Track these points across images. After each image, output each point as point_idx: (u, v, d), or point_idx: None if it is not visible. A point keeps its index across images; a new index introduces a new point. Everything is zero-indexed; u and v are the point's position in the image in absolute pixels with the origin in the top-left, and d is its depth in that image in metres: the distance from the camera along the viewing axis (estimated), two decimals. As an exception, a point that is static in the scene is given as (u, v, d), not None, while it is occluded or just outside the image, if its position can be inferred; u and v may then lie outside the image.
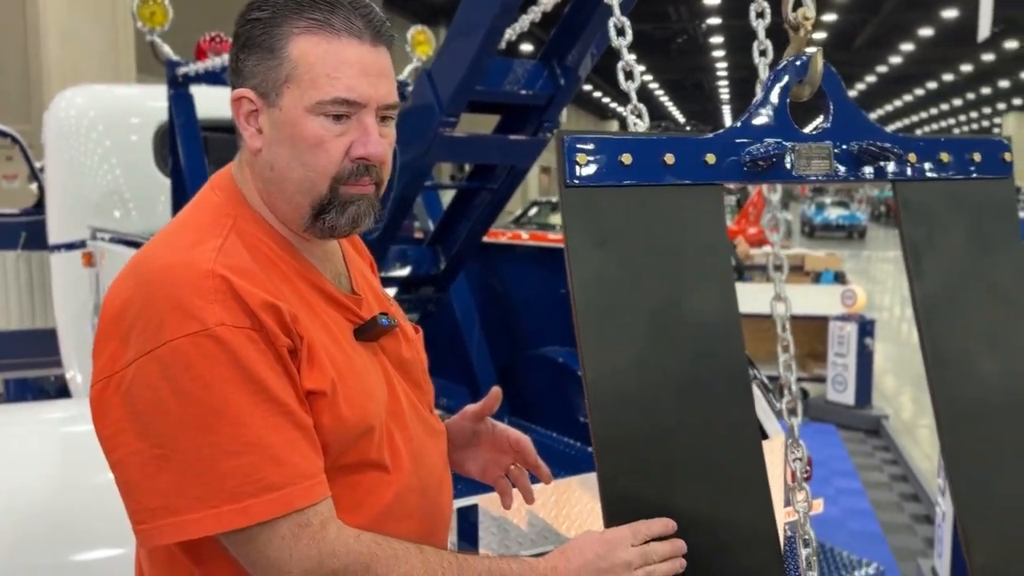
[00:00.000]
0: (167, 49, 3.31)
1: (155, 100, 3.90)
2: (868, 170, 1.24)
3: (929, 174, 1.28)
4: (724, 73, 31.01)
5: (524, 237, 7.98)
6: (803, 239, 23.39)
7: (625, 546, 1.02)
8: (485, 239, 3.01)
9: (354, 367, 1.04)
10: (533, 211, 14.07)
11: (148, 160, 3.92)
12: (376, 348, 1.10)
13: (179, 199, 3.39)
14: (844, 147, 1.22)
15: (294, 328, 0.97)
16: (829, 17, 21.70)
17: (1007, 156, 1.35)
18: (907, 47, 25.11)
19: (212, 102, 3.50)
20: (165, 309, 0.93)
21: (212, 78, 3.18)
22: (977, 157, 1.32)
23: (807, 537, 1.34)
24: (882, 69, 29.64)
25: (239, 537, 0.94)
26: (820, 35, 23.68)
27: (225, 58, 2.96)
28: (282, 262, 1.04)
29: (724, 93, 37.72)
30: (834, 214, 25.05)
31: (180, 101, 3.28)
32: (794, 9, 1.23)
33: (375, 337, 1.10)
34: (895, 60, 27.32)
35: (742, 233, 10.64)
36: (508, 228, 10.49)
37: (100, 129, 3.93)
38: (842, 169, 1.22)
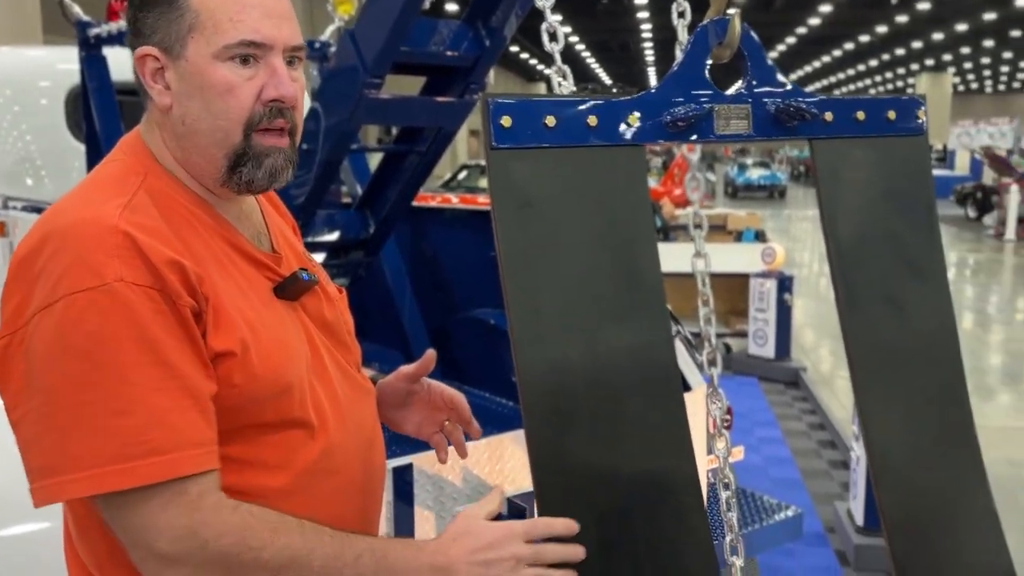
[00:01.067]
0: (77, 10, 3.17)
1: (65, 62, 3.75)
2: (786, 129, 1.27)
3: (845, 133, 1.31)
4: (649, 35, 31.14)
5: (454, 201, 7.96)
6: (726, 199, 23.87)
7: (518, 541, 1.00)
8: (415, 203, 3.00)
9: (270, 325, 1.03)
10: (463, 175, 14.00)
11: (60, 125, 3.78)
12: (297, 307, 1.10)
13: (95, 165, 3.28)
14: (763, 107, 1.25)
15: (199, 288, 0.96)
16: (750, -22, 21.95)
17: (921, 114, 1.39)
18: (825, 8, 25.59)
19: (126, 64, 3.38)
20: (67, 264, 0.91)
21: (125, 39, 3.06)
22: (892, 116, 1.35)
23: (727, 480, 1.40)
24: (801, 30, 30.18)
25: (116, 500, 0.92)
26: (742, -4, 23.93)
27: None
28: (195, 220, 1.03)
29: (649, 55, 37.92)
30: (756, 174, 25.58)
31: (93, 64, 3.16)
32: (712, -29, 1.26)
33: (296, 296, 1.09)
34: (814, 21, 27.84)
35: (667, 195, 10.80)
36: (438, 192, 10.42)
37: (7, 94, 3.77)
38: (761, 129, 1.26)
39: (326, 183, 2.54)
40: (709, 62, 1.24)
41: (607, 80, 48.50)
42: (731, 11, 1.24)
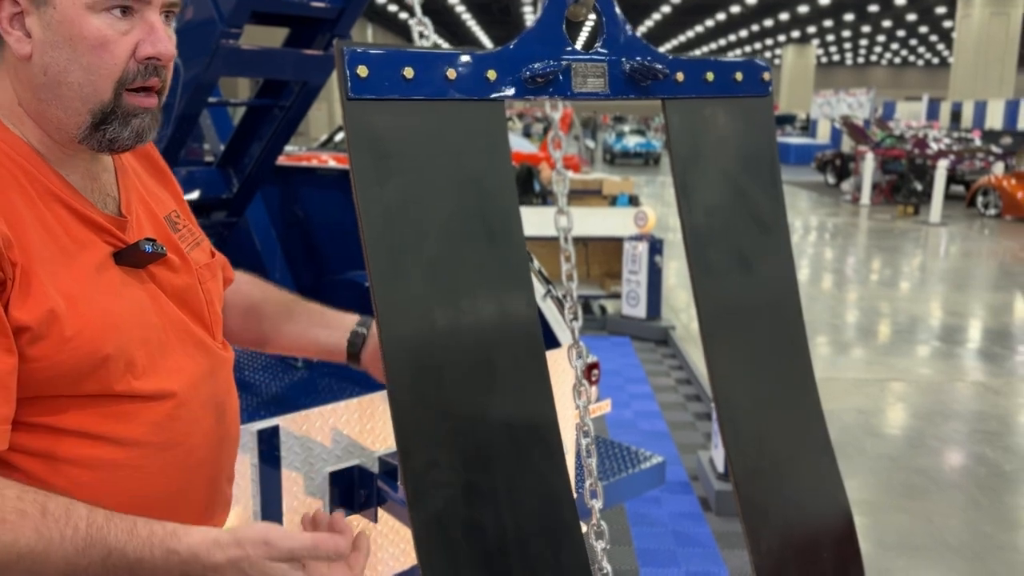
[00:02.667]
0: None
1: None
2: (640, 88, 1.31)
3: (696, 93, 1.35)
4: (529, -2, 31.15)
5: (330, 162, 7.77)
6: (604, 166, 24.33)
7: (283, 562, 0.92)
8: (284, 163, 2.92)
9: (97, 294, 0.98)
10: (340, 136, 13.68)
11: None
12: (143, 275, 1.05)
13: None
14: (618, 66, 1.28)
15: (6, 253, 0.90)
16: (627, -55, 22.21)
17: (766, 76, 1.45)
18: (698, -22, 26.26)
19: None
20: None
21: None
22: (739, 77, 1.40)
23: (586, 428, 1.45)
24: (676, 0, 30.90)
25: None
26: (619, -37, 24.21)
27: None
28: (23, 175, 0.96)
29: (530, 18, 37.93)
30: (632, 142, 26.17)
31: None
32: (570, -71, 1.27)
33: (140, 263, 1.04)
34: (688, -9, 28.53)
35: (547, 159, 10.92)
36: (315, 152, 10.16)
37: None
38: (617, 88, 1.28)
39: (183, 138, 2.43)
40: (565, 19, 1.26)
41: (488, 44, 48.29)
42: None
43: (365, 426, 2.03)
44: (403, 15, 32.61)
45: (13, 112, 0.98)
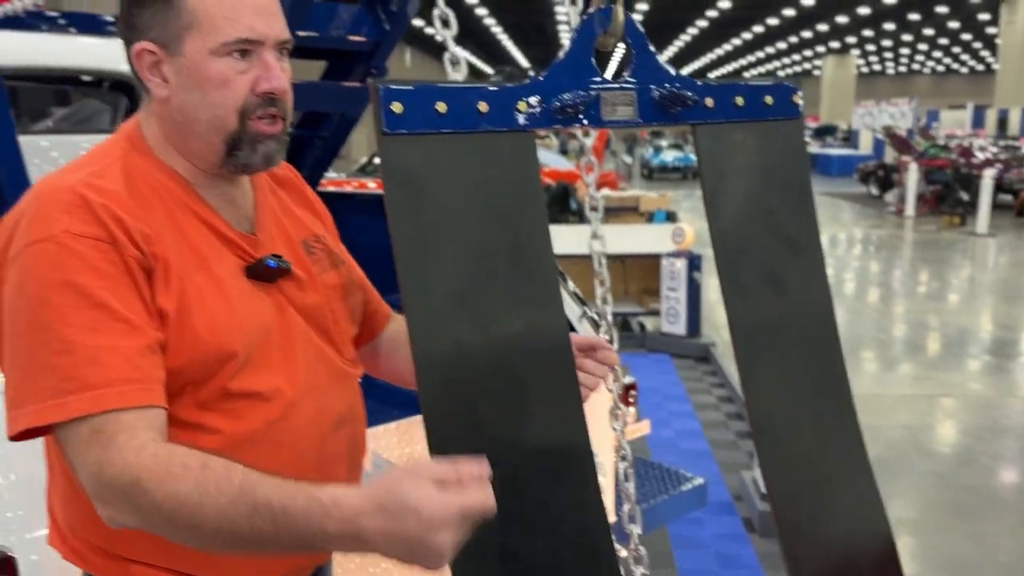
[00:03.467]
0: (-41, -10, 3.02)
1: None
2: (670, 115, 1.32)
3: (725, 117, 1.36)
4: (565, 18, 31.25)
5: (370, 186, 7.88)
6: (643, 181, 24.25)
7: (450, 531, 0.86)
8: (326, 188, 2.98)
9: (226, 297, 1.09)
10: (378, 160, 13.84)
11: (-55, 111, 3.60)
12: (272, 289, 1.15)
13: (-15, 153, 3.15)
14: (647, 94, 1.30)
15: (146, 247, 1.03)
16: (662, -38, 22.23)
17: (796, 98, 1.45)
18: (734, -8, 26.17)
19: (14, 48, 3.24)
20: (29, 220, 1.02)
21: (14, 23, 2.94)
22: (769, 100, 1.41)
23: (624, 452, 1.46)
24: (712, 14, 30.79)
25: (61, 439, 0.98)
26: (654, -20, 24.23)
27: (27, 2, 2.75)
28: (168, 194, 1.10)
29: (565, 38, 38.06)
30: (670, 156, 26.04)
31: (-22, 48, 3.02)
32: (597, -37, 1.30)
33: (269, 278, 1.15)
34: (724, 5, 28.43)
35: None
36: (355, 177, 10.30)
37: None
38: (646, 115, 1.30)
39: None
40: (594, 49, 1.28)
41: (524, 63, 48.55)
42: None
43: (404, 450, 2.06)
44: (440, 37, 33.02)
45: (162, 146, 1.13)
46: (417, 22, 23.16)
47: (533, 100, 1.21)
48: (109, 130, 4.04)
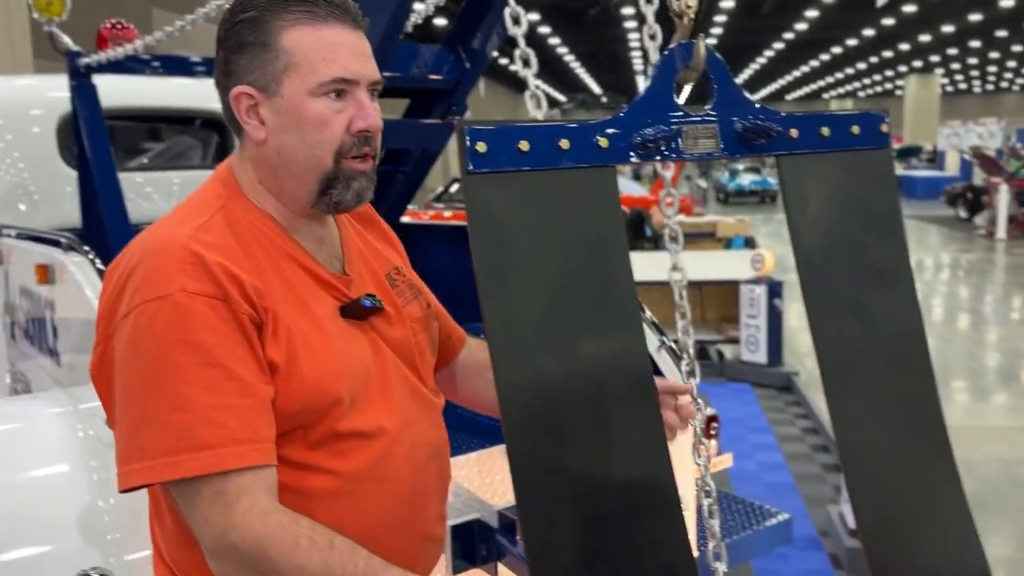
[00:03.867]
0: (67, 40, 3.21)
1: (56, 90, 3.78)
2: (753, 147, 1.31)
3: (811, 148, 1.35)
4: (637, 44, 31.30)
5: (446, 215, 8.00)
6: (718, 206, 23.94)
7: None
8: (404, 220, 3.04)
9: (328, 342, 1.11)
10: (455, 188, 14.05)
11: (52, 152, 3.81)
12: (365, 327, 1.18)
13: (87, 190, 3.32)
14: (729, 126, 1.29)
15: (259, 301, 1.05)
16: (736, -14, 22.09)
17: (883, 127, 1.43)
18: (811, 13, 25.76)
19: (116, 90, 3.42)
20: (143, 277, 1.03)
21: (116, 68, 3.11)
22: (856, 130, 1.38)
23: (708, 488, 1.43)
24: (789, 36, 30.36)
25: (175, 492, 1.01)
26: (728, 3, 24.09)
27: (129, 47, 2.90)
28: (268, 242, 1.13)
29: (638, 64, 38.10)
30: (747, 180, 25.65)
31: (83, 92, 3.20)
32: (677, -2, 1.30)
33: (362, 316, 1.17)
34: (801, 26, 28.01)
35: (658, 203, 10.78)
36: (430, 207, 10.46)
37: (1, 123, 3.81)
38: (729, 147, 1.29)
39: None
40: (676, 84, 1.29)
41: (596, 89, 48.68)
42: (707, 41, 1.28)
43: (484, 480, 2.07)
44: (513, 67, 33.43)
45: (255, 189, 1.16)
46: (491, 53, 23.41)
47: (614, 135, 1.22)
48: (200, 166, 4.23)
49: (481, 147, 1.14)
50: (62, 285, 2.62)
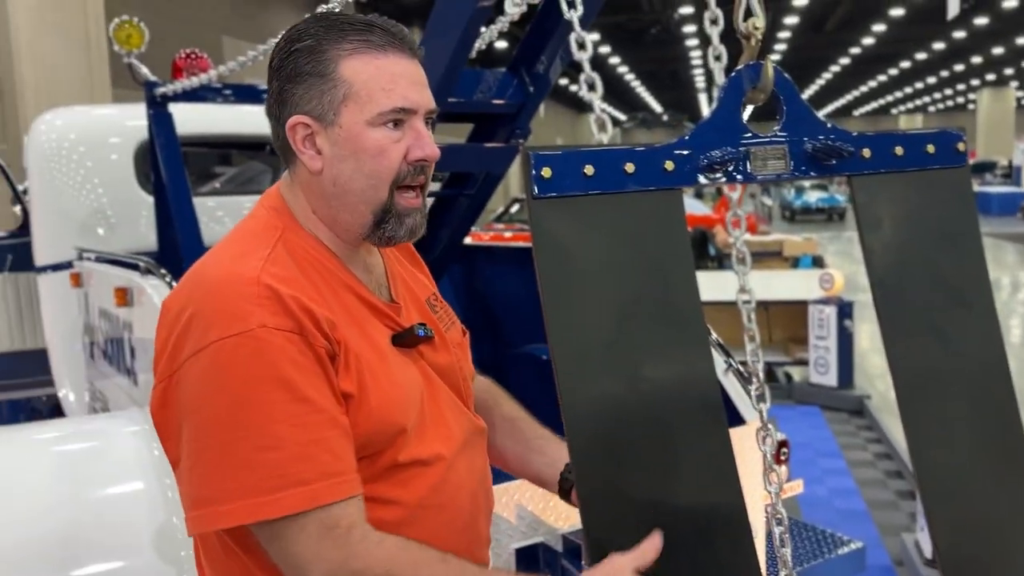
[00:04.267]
0: (145, 70, 3.34)
1: (133, 119, 3.94)
2: (824, 167, 1.29)
3: (884, 168, 1.32)
4: (699, 62, 31.10)
5: (507, 236, 8.03)
6: (783, 223, 23.51)
7: None
8: (465, 241, 3.06)
9: (390, 371, 1.11)
10: (515, 208, 14.11)
11: (130, 178, 3.96)
12: (415, 354, 1.18)
13: (163, 215, 3.44)
14: (799, 147, 1.27)
15: (331, 333, 1.04)
16: (801, 1, 21.80)
17: (960, 146, 1.39)
18: (879, 27, 25.26)
19: (190, 118, 3.54)
20: (215, 313, 1.01)
21: (190, 96, 3.22)
22: (931, 149, 1.35)
23: (779, 516, 1.40)
24: (855, 51, 29.80)
25: (269, 531, 0.99)
26: (792, 19, 23.79)
27: (203, 77, 3.00)
28: (327, 272, 1.12)
29: (700, 81, 37.84)
30: (814, 197, 25.12)
31: (160, 120, 3.32)
32: (745, 19, 1.29)
33: (413, 344, 1.17)
34: (868, 41, 27.48)
35: (721, 221, 10.67)
36: (490, 228, 10.50)
37: (81, 150, 3.97)
38: (799, 168, 1.27)
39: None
40: (743, 105, 1.27)
41: (657, 108, 48.45)
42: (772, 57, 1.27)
43: (548, 503, 2.06)
44: (573, 87, 33.53)
45: (309, 218, 1.15)
46: (552, 74, 23.51)
47: (681, 158, 1.21)
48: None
49: (546, 172, 1.14)
50: (139, 307, 2.71)
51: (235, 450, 0.98)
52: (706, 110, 1.29)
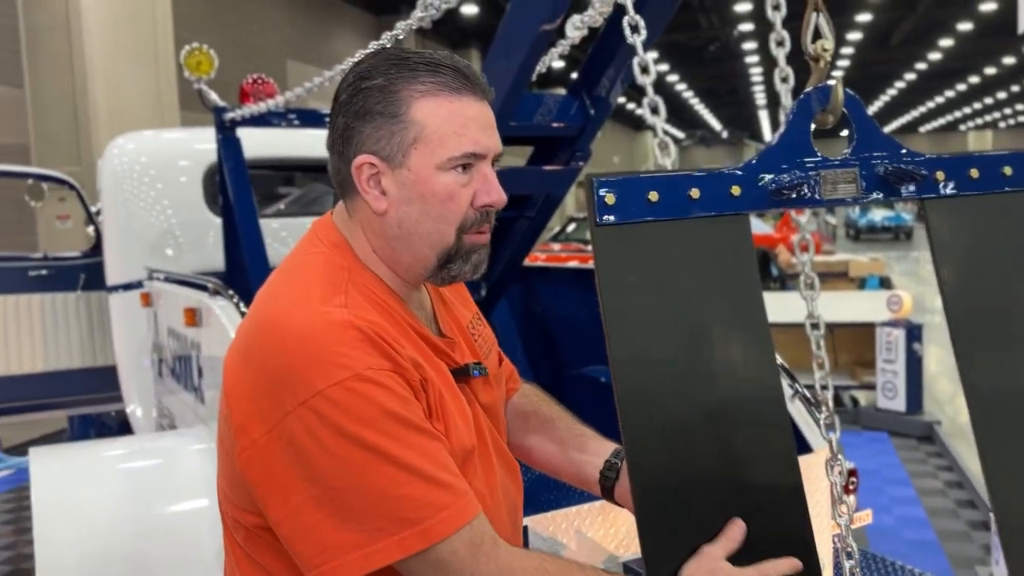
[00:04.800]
0: (214, 96, 3.44)
1: (202, 143, 4.05)
2: (896, 190, 1.26)
3: (958, 191, 1.29)
4: (759, 79, 30.77)
5: (563, 256, 8.01)
6: (848, 242, 23.01)
7: None
8: (524, 263, 3.06)
9: (459, 404, 1.12)
10: (571, 227, 14.10)
11: (198, 200, 4.07)
12: (467, 389, 1.18)
13: (230, 236, 3.52)
14: (871, 170, 1.24)
15: (417, 372, 1.05)
16: (865, 17, 21.44)
17: (1039, 168, 1.36)
18: (946, 43, 24.68)
19: (257, 143, 3.63)
20: (312, 362, 0.99)
21: (257, 121, 3.30)
22: (1008, 171, 1.31)
23: (849, 549, 1.36)
24: (921, 66, 29.15)
25: (421, 563, 0.99)
26: (855, 35, 23.40)
27: (270, 103, 3.08)
28: (394, 312, 1.11)
29: (760, 98, 37.41)
30: (879, 215, 24.59)
31: (228, 144, 3.41)
32: (813, 41, 1.27)
33: (466, 380, 1.18)
34: (934, 56, 26.86)
35: (784, 241, 10.50)
36: (547, 246, 10.51)
37: (152, 173, 4.10)
38: (871, 191, 1.25)
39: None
40: (813, 128, 1.25)
41: (716, 125, 48.02)
42: (835, 77, 1.25)
43: (608, 530, 2.03)
44: (631, 106, 33.46)
45: (369, 256, 1.13)
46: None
47: (748, 183, 1.19)
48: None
49: (609, 199, 1.12)
50: (207, 327, 2.77)
51: (372, 491, 0.97)
52: (768, 129, 1.27)
